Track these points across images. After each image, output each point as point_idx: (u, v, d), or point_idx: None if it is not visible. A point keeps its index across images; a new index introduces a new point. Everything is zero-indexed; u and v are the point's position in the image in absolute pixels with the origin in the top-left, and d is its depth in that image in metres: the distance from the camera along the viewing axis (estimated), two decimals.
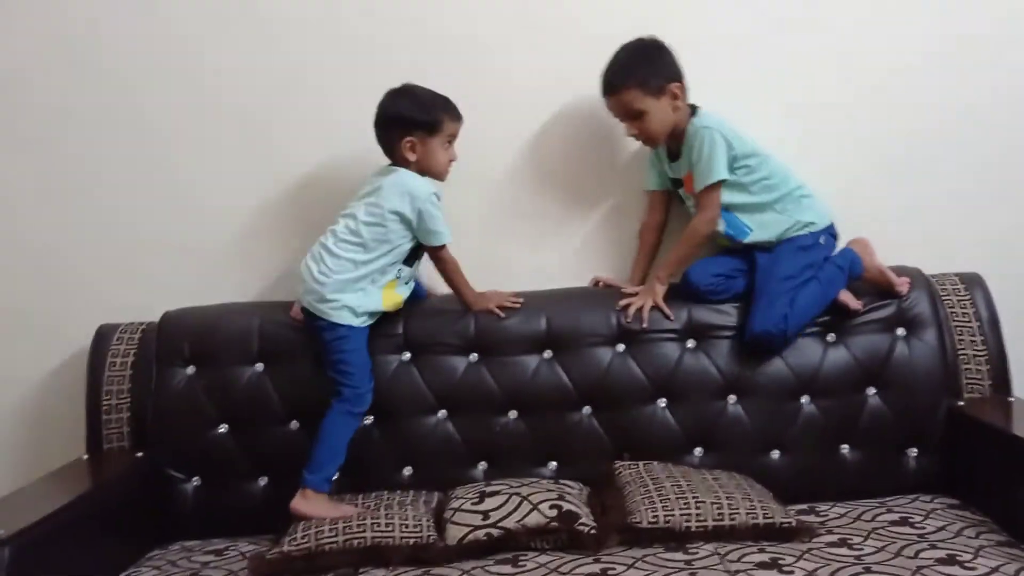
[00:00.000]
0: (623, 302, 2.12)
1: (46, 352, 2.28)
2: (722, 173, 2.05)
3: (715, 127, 2.06)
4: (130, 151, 2.28)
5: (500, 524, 1.82)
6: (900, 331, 2.10)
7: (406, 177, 1.99)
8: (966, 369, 2.10)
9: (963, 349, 2.11)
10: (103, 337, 2.18)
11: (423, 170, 2.02)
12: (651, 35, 2.09)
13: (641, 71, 2.05)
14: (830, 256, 2.12)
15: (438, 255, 2.05)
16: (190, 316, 2.17)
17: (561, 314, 2.14)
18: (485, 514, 1.84)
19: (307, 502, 1.91)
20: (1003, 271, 2.22)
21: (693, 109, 2.11)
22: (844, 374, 2.08)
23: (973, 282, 2.17)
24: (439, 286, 2.20)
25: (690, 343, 2.11)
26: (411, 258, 2.04)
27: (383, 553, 1.78)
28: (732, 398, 2.09)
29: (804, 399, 2.09)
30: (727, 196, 2.09)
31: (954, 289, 2.16)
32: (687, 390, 2.09)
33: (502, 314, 2.11)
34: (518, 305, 2.13)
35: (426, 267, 2.12)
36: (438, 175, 2.04)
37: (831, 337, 2.11)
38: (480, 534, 1.81)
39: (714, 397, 2.09)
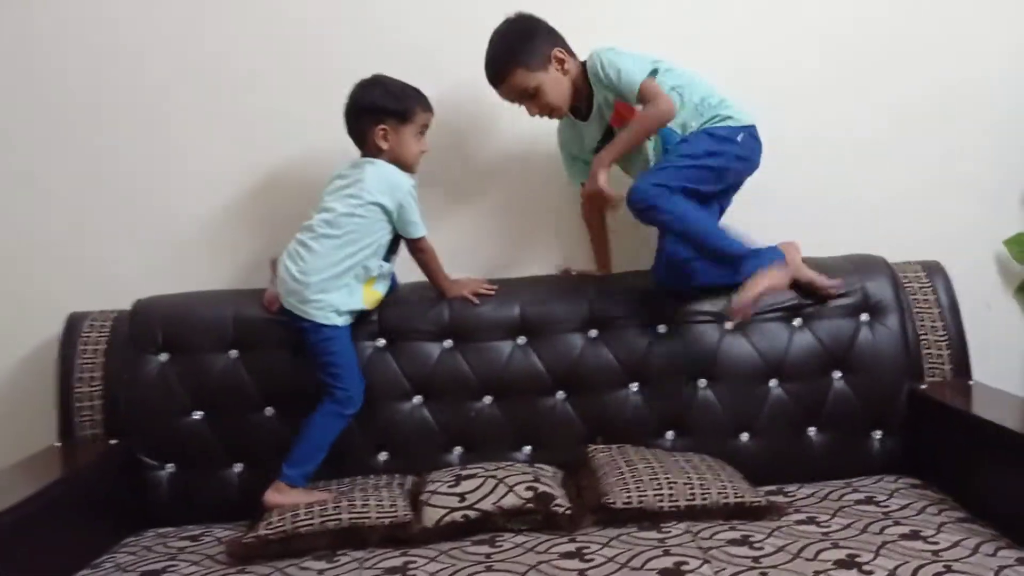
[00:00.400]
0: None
1: (14, 340, 2.27)
2: (647, 66, 2.00)
3: (610, 49, 2.02)
4: (100, 141, 2.28)
5: (476, 506, 1.84)
6: (864, 316, 2.16)
7: (387, 169, 2.00)
8: (927, 354, 2.16)
9: (924, 334, 2.17)
10: (73, 325, 2.16)
11: (395, 159, 2.03)
12: (518, 12, 2.07)
13: (519, 51, 2.02)
14: (742, 156, 2.06)
15: (417, 246, 2.07)
16: (162, 304, 2.17)
17: (534, 301, 2.16)
18: (461, 496, 1.86)
19: (281, 495, 1.91)
20: (963, 260, 2.29)
21: (583, 64, 2.08)
22: (810, 358, 2.13)
23: (934, 270, 2.24)
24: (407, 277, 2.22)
25: (660, 328, 2.15)
26: (389, 253, 2.05)
27: (360, 534, 1.80)
28: (702, 382, 2.13)
29: (772, 383, 2.13)
30: None
31: (916, 276, 2.22)
32: (658, 375, 2.13)
33: (476, 300, 2.13)
34: (492, 292, 2.15)
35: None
36: (410, 165, 2.05)
37: (797, 322, 2.15)
38: (457, 516, 1.83)
39: (684, 381, 2.13)
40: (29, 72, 2.25)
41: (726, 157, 2.03)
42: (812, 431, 2.13)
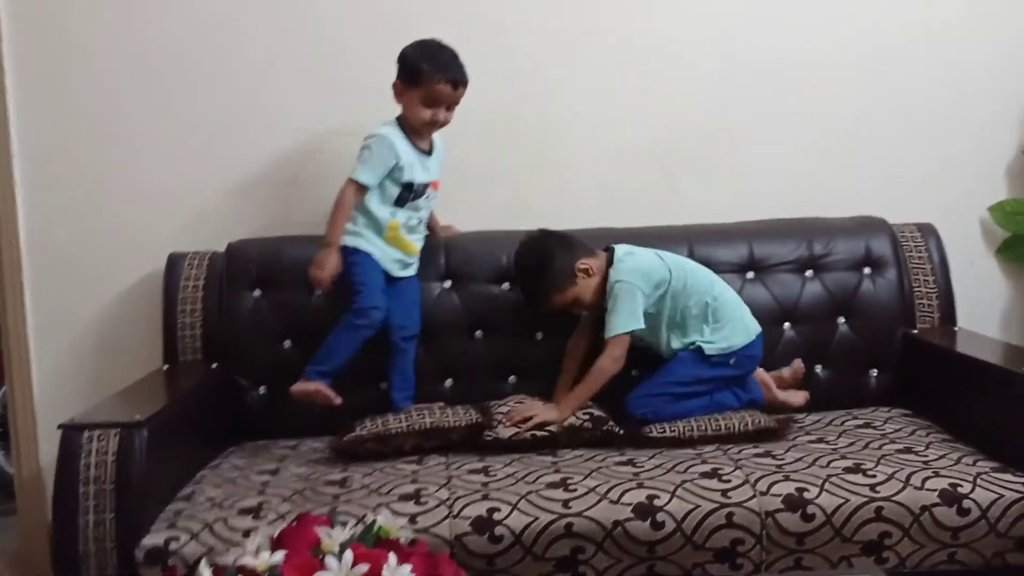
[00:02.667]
0: (522, 412, 2.16)
1: (120, 276, 2.52)
2: (633, 324, 2.18)
3: (629, 278, 2.19)
4: (197, 100, 2.51)
5: (544, 428, 2.14)
6: (866, 270, 2.48)
7: (381, 124, 2.21)
8: (919, 303, 2.48)
9: (918, 287, 2.49)
10: (174, 263, 2.43)
11: (404, 117, 2.21)
12: (534, 235, 2.27)
13: (546, 285, 2.21)
14: (736, 376, 2.26)
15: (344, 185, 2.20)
16: (254, 245, 2.44)
17: None
18: (527, 418, 2.15)
19: (302, 384, 2.18)
20: (954, 223, 2.62)
21: (611, 252, 2.25)
22: (819, 305, 2.45)
23: (928, 231, 2.55)
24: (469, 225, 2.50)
25: None
26: (399, 201, 2.22)
27: (442, 433, 2.11)
28: None
29: (786, 326, 2.45)
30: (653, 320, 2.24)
31: (912, 236, 2.54)
32: None
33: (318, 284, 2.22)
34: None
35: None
36: (414, 128, 2.20)
37: (809, 273, 2.48)
38: (526, 435, 2.12)
39: None
40: (133, 37, 2.48)
41: (715, 379, 2.23)
42: (819, 368, 2.46)
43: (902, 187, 2.66)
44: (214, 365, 2.36)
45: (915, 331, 2.45)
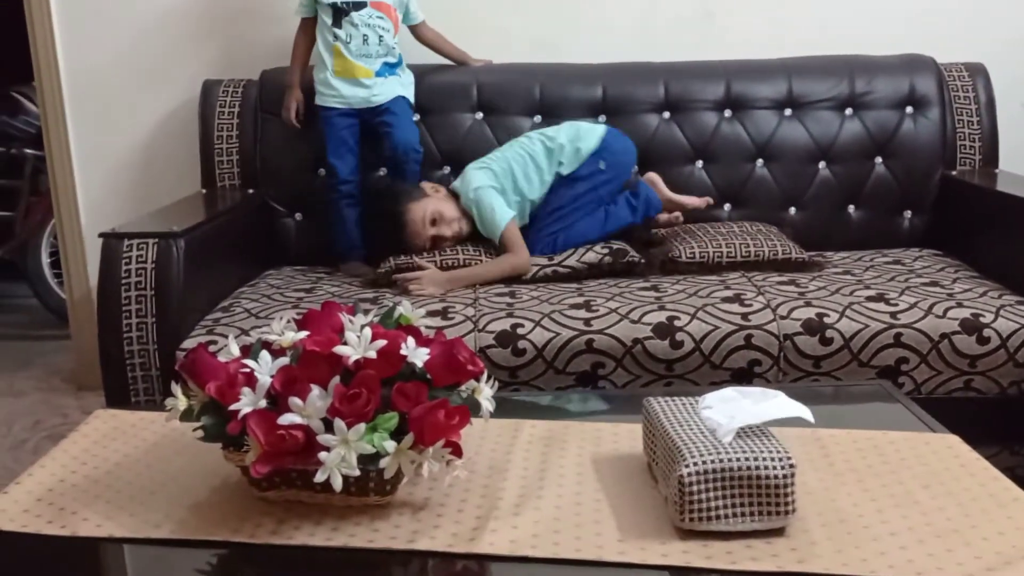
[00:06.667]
0: (404, 276, 2.11)
1: (158, 105, 2.57)
2: (507, 215, 2.18)
3: (482, 184, 2.19)
4: None
5: (564, 263, 2.17)
6: (908, 109, 2.42)
7: None
8: (961, 145, 2.43)
9: (961, 128, 2.43)
10: (209, 90, 2.46)
11: None
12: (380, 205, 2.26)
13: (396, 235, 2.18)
14: (617, 181, 2.27)
15: None
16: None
17: (615, 84, 2.43)
18: (550, 257, 2.19)
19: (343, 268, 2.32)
20: (1006, 63, 2.51)
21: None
22: (857, 144, 2.41)
23: (977, 71, 2.47)
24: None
25: (727, 112, 2.43)
26: (337, 21, 2.24)
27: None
28: (760, 162, 2.42)
29: (821, 164, 2.42)
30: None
31: (959, 76, 2.46)
32: (722, 154, 2.42)
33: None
34: None
35: None
36: None
37: (848, 111, 2.42)
38: (548, 271, 2.16)
39: (744, 160, 2.42)
40: None
41: (595, 188, 2.24)
42: (851, 208, 2.44)
43: (953, 25, 2.56)
44: (251, 191, 2.41)
45: (954, 172, 2.41)
